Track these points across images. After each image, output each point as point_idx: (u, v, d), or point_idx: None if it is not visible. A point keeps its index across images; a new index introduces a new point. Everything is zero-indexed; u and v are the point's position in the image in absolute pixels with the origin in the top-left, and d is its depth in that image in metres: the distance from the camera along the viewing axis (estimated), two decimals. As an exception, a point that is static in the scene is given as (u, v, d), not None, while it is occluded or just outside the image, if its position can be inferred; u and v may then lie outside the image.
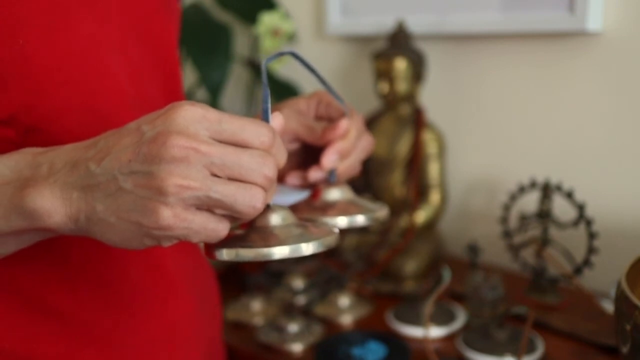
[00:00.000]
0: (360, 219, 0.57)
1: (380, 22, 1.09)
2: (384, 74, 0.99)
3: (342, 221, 0.56)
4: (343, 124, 0.59)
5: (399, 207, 1.00)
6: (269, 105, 0.47)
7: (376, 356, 0.77)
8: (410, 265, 0.97)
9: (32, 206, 0.42)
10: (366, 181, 1.04)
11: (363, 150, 0.62)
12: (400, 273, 0.96)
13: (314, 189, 0.60)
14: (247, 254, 0.43)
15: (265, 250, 0.43)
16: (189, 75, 1.25)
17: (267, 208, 0.46)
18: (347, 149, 0.60)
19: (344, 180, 0.62)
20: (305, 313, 0.90)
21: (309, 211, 0.57)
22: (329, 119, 0.63)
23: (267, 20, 1.14)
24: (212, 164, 0.40)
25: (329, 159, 0.59)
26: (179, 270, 0.63)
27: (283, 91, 1.19)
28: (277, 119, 0.47)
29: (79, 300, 0.55)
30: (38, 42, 0.49)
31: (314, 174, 0.60)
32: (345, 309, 0.90)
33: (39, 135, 0.50)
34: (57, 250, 0.54)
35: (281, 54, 0.51)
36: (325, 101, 0.62)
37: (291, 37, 1.20)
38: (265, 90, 0.47)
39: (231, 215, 0.42)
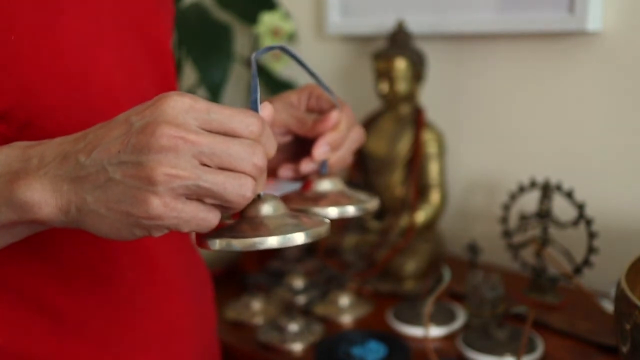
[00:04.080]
0: (350, 210, 0.57)
1: (380, 22, 1.09)
2: (384, 74, 0.99)
3: (332, 212, 0.56)
4: (333, 115, 0.60)
5: (399, 207, 1.00)
6: (258, 95, 0.47)
7: (376, 356, 0.77)
8: (410, 265, 0.97)
9: (23, 199, 0.42)
10: (366, 181, 1.04)
11: (354, 142, 0.63)
12: (400, 273, 0.96)
13: (305, 180, 0.61)
14: (237, 243, 0.43)
15: (256, 239, 0.43)
16: (189, 75, 1.25)
17: (258, 198, 0.46)
18: (338, 140, 0.60)
19: (335, 171, 0.62)
20: (305, 313, 0.90)
21: (300, 202, 0.57)
22: (320, 112, 0.63)
23: (267, 20, 1.14)
24: (201, 153, 0.40)
25: (320, 150, 0.59)
26: (173, 268, 0.63)
27: (283, 91, 1.19)
28: (266, 109, 0.47)
29: (74, 297, 0.55)
30: (30, 39, 0.49)
31: (306, 166, 0.60)
32: (345, 308, 0.90)
33: (33, 131, 0.50)
34: (50, 248, 0.54)
35: (270, 48, 0.51)
36: (316, 94, 0.63)
37: (291, 37, 1.20)
38: (254, 80, 0.47)
39: (221, 205, 0.43)
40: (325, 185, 0.59)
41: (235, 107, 0.44)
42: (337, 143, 0.60)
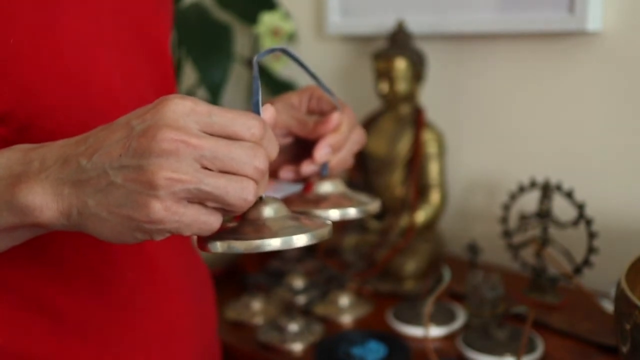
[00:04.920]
0: (352, 212, 0.57)
1: (380, 22, 1.09)
2: (384, 74, 0.99)
3: (334, 214, 0.56)
4: (334, 117, 0.60)
5: (399, 207, 1.00)
6: (260, 97, 0.46)
7: (376, 356, 0.77)
8: (410, 265, 0.97)
9: (24, 202, 0.42)
10: (366, 181, 1.04)
11: (355, 143, 0.63)
12: (400, 273, 0.96)
13: (306, 182, 0.61)
14: (239, 245, 0.43)
15: (257, 241, 0.43)
16: (189, 75, 1.25)
17: (260, 200, 0.46)
18: (339, 142, 0.60)
19: (336, 173, 0.62)
20: (305, 313, 0.90)
21: (301, 204, 0.57)
22: (321, 113, 0.63)
23: (267, 20, 1.14)
24: (203, 157, 0.40)
25: (321, 152, 0.59)
26: (173, 269, 0.63)
27: (284, 91, 1.19)
28: (268, 111, 0.47)
29: (74, 298, 0.55)
30: (30, 39, 0.49)
31: (307, 168, 0.60)
32: (345, 308, 0.90)
33: (33, 132, 0.50)
34: (51, 249, 0.54)
35: (272, 50, 0.51)
36: (317, 95, 0.63)
37: (291, 37, 1.20)
38: (255, 82, 0.47)
39: (223, 208, 0.42)
40: (326, 187, 0.59)
41: (236, 108, 0.44)
42: (338, 145, 0.60)
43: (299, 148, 0.63)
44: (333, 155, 0.60)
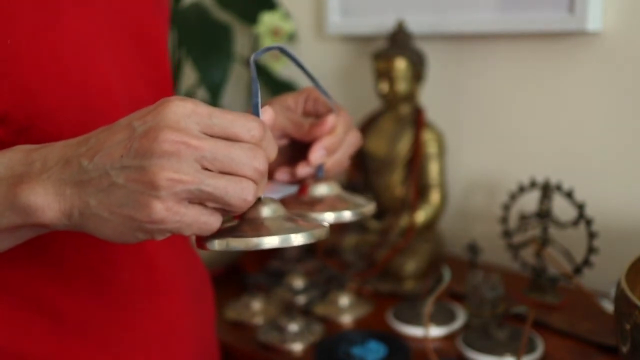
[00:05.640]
0: (347, 215, 0.57)
1: (380, 22, 1.09)
2: (384, 74, 0.99)
3: (329, 216, 0.56)
4: (330, 119, 0.60)
5: (399, 207, 1.00)
6: (259, 99, 0.47)
7: (376, 356, 0.77)
8: (410, 265, 0.97)
9: (26, 202, 0.42)
10: (366, 181, 1.04)
11: (350, 146, 0.63)
12: (400, 273, 0.96)
13: (302, 184, 0.61)
14: (237, 244, 0.44)
15: (255, 240, 0.43)
16: (189, 75, 1.25)
17: (259, 201, 0.47)
18: (335, 144, 0.60)
19: (331, 175, 0.62)
20: (305, 313, 0.90)
21: (297, 206, 0.57)
22: (317, 115, 0.63)
23: (267, 20, 1.14)
24: (203, 158, 0.41)
25: (316, 154, 0.59)
26: (173, 270, 0.63)
27: (283, 91, 1.19)
28: (267, 113, 0.47)
29: (74, 298, 0.56)
30: (27, 41, 0.49)
31: (302, 170, 0.60)
32: (345, 308, 0.91)
33: (32, 132, 0.50)
34: (51, 249, 0.54)
35: (269, 49, 0.51)
36: (313, 97, 0.63)
37: (291, 37, 1.20)
38: (254, 84, 0.47)
39: (223, 208, 0.43)
40: (321, 189, 0.59)
41: (236, 107, 0.44)
42: (333, 147, 0.60)
43: (295, 150, 0.63)
44: (328, 158, 0.60)
